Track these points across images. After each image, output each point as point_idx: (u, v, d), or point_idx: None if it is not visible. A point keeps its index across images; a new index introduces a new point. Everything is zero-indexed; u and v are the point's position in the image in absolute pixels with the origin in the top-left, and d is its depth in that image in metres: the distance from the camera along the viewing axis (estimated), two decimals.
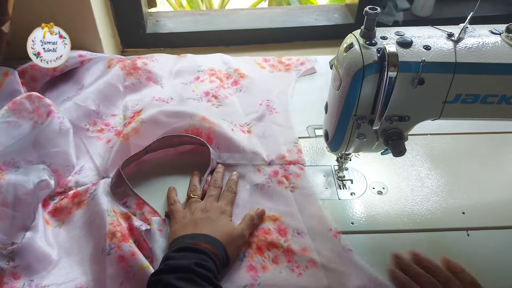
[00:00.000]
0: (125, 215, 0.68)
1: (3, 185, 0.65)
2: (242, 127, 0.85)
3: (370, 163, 0.80)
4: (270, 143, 0.83)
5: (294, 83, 0.99)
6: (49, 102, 0.79)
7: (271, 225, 0.69)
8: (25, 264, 0.63)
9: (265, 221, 0.70)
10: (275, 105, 0.92)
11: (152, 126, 0.80)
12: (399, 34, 0.58)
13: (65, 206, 0.72)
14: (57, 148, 0.76)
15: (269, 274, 0.63)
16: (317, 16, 1.21)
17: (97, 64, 0.97)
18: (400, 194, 0.75)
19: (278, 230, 0.69)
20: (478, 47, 0.57)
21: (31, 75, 0.90)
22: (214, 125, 0.80)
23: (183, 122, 0.80)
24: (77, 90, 0.92)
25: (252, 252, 0.66)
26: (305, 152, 0.82)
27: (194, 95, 0.92)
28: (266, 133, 0.85)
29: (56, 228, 0.70)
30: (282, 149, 0.81)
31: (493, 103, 0.59)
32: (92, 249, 0.66)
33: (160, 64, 1.00)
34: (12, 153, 0.72)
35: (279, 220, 0.70)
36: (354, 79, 0.57)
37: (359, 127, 0.62)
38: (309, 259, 0.65)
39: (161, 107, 0.82)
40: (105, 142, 0.83)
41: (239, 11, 1.26)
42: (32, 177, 0.68)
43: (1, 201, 0.64)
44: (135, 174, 0.77)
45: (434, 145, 0.84)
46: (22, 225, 0.65)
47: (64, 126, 0.78)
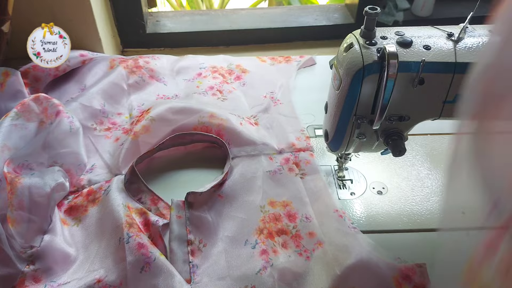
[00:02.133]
0: (140, 210, 0.69)
1: (19, 188, 0.65)
2: (249, 119, 0.86)
3: (370, 163, 0.80)
4: (279, 133, 0.85)
5: (295, 74, 1.01)
6: (57, 102, 0.79)
7: (281, 211, 0.71)
8: (45, 267, 0.63)
9: (276, 207, 0.72)
10: (278, 97, 0.94)
11: (161, 124, 0.81)
12: (399, 34, 0.58)
13: (80, 204, 0.72)
14: (68, 148, 0.76)
15: (280, 257, 0.65)
16: (317, 16, 1.21)
17: (99, 65, 0.97)
18: (400, 194, 0.75)
19: (287, 215, 0.71)
20: (478, 47, 0.57)
21: (33, 76, 0.90)
22: (223, 121, 0.81)
23: (192, 119, 0.81)
24: (80, 90, 0.92)
25: (263, 238, 0.67)
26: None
27: (199, 90, 0.93)
28: (273, 124, 0.87)
29: (74, 227, 0.70)
30: (291, 137, 0.83)
31: None
32: (109, 240, 0.66)
33: (162, 62, 1.01)
34: (25, 155, 0.72)
35: (289, 205, 0.72)
36: (354, 79, 0.57)
37: (359, 127, 0.62)
38: (316, 241, 0.67)
39: (170, 103, 0.83)
40: (113, 141, 0.84)
41: (239, 11, 1.26)
42: (48, 180, 0.68)
43: (17, 204, 0.64)
44: (146, 171, 0.78)
45: (434, 145, 0.84)
46: (39, 228, 0.66)
47: (74, 125, 0.78)
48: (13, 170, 0.69)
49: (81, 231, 0.70)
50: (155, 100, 0.92)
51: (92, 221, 0.70)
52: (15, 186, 0.65)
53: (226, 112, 0.83)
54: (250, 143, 0.80)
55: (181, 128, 0.81)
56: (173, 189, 0.76)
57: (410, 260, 0.64)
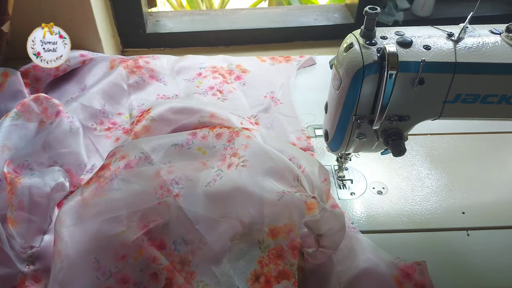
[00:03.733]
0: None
1: (19, 188, 0.65)
2: (249, 119, 0.86)
3: (370, 163, 0.80)
4: (279, 133, 0.84)
5: (296, 74, 1.01)
6: (57, 102, 0.79)
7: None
8: (45, 267, 0.63)
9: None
10: (279, 97, 0.94)
11: (161, 124, 0.80)
12: (399, 34, 0.58)
13: None
14: (68, 148, 0.76)
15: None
16: (317, 16, 1.21)
17: (99, 65, 0.97)
18: (400, 194, 0.75)
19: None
20: (478, 47, 0.57)
21: (34, 76, 0.90)
22: (223, 121, 0.81)
23: (192, 119, 0.81)
24: (80, 90, 0.92)
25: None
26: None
27: (199, 90, 0.93)
28: (274, 124, 0.87)
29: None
30: (292, 137, 0.83)
31: (493, 103, 0.59)
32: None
33: (162, 63, 1.01)
34: (25, 155, 0.72)
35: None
36: (354, 79, 0.57)
37: (359, 127, 0.62)
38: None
39: (170, 103, 0.83)
40: (113, 141, 0.84)
41: (239, 11, 1.26)
42: (48, 180, 0.68)
43: (17, 204, 0.64)
44: None
45: (434, 145, 0.84)
46: (39, 229, 0.66)
47: (74, 125, 0.78)
48: (13, 170, 0.69)
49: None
50: (155, 100, 0.92)
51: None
52: (15, 186, 0.65)
53: (226, 112, 0.83)
54: None
55: (182, 128, 0.81)
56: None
57: (410, 260, 0.64)
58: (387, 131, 0.62)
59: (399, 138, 0.62)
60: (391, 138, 0.62)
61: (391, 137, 0.62)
